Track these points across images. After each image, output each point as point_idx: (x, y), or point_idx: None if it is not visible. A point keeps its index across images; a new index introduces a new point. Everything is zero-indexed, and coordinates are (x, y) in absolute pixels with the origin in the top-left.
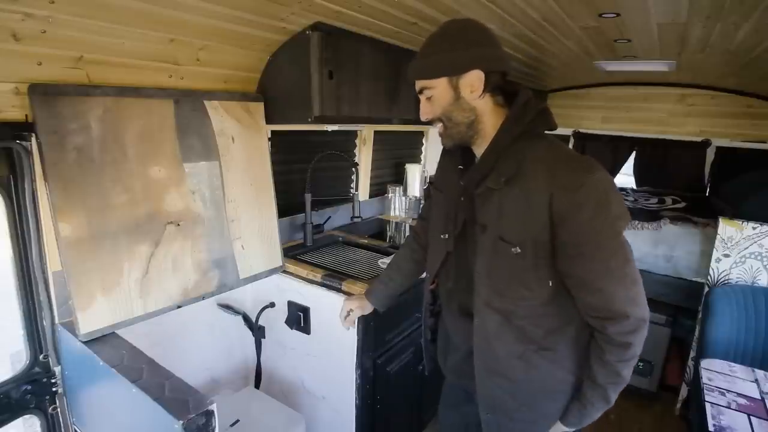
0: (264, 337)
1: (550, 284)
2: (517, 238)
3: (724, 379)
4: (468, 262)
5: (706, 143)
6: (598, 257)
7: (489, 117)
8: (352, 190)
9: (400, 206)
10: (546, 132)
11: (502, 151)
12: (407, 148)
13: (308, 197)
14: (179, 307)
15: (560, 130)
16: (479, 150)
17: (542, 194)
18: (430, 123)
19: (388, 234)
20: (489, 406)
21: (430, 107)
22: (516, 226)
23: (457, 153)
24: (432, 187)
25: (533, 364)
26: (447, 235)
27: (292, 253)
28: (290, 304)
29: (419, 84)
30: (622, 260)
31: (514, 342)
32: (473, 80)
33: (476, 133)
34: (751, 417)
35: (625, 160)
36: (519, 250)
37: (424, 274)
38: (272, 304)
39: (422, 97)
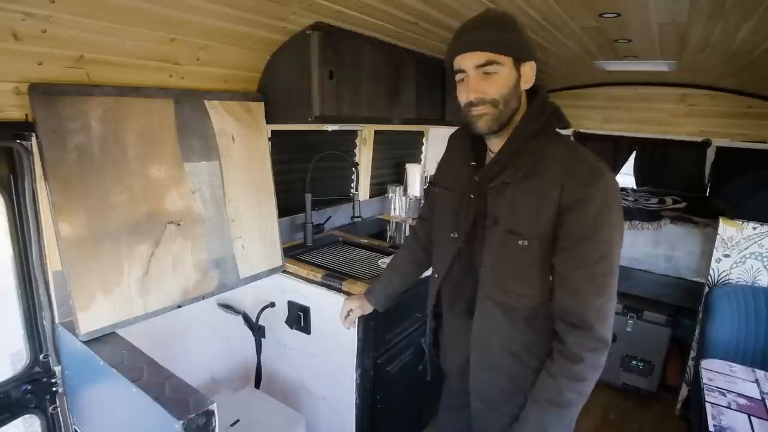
0: (264, 337)
1: (551, 280)
2: (526, 230)
3: (724, 379)
4: (476, 259)
5: (706, 143)
6: (587, 257)
7: (521, 110)
8: (352, 190)
9: (400, 206)
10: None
11: (520, 146)
12: (407, 148)
13: (308, 197)
14: (179, 306)
15: (560, 130)
16: (494, 143)
17: (555, 187)
18: (469, 104)
19: (388, 234)
20: (479, 396)
21: (486, 86)
22: (526, 219)
23: (467, 150)
24: (436, 186)
25: (524, 363)
26: (457, 234)
27: (292, 252)
28: (290, 304)
29: (485, 56)
30: (608, 269)
31: (510, 339)
32: (530, 70)
33: (510, 123)
34: (752, 417)
35: (626, 160)
36: (526, 243)
37: (423, 275)
38: (272, 304)
39: (478, 72)
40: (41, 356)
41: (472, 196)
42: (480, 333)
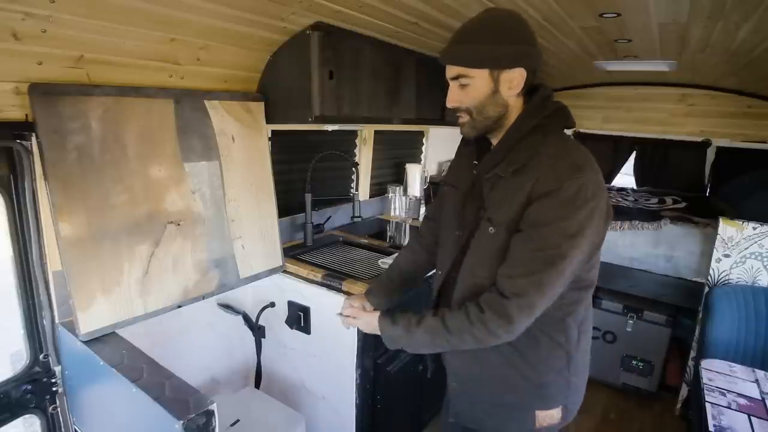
0: (264, 337)
1: None
2: (497, 218)
3: (724, 379)
4: None
5: (706, 143)
6: (531, 240)
7: (515, 112)
8: (352, 190)
9: (400, 206)
10: (566, 131)
11: (515, 142)
12: (407, 148)
13: (308, 197)
14: (179, 306)
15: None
16: (495, 141)
17: (531, 178)
18: (454, 111)
19: (388, 234)
20: (454, 376)
21: (462, 96)
22: (504, 209)
23: (473, 148)
24: (444, 185)
25: (489, 348)
26: (460, 231)
27: (292, 252)
28: (290, 303)
29: (456, 70)
30: (550, 260)
31: None
32: (515, 77)
33: (501, 126)
34: (752, 417)
35: (626, 160)
36: (493, 230)
37: (425, 275)
38: (272, 304)
39: (454, 84)
40: (41, 356)
41: (473, 190)
42: None
